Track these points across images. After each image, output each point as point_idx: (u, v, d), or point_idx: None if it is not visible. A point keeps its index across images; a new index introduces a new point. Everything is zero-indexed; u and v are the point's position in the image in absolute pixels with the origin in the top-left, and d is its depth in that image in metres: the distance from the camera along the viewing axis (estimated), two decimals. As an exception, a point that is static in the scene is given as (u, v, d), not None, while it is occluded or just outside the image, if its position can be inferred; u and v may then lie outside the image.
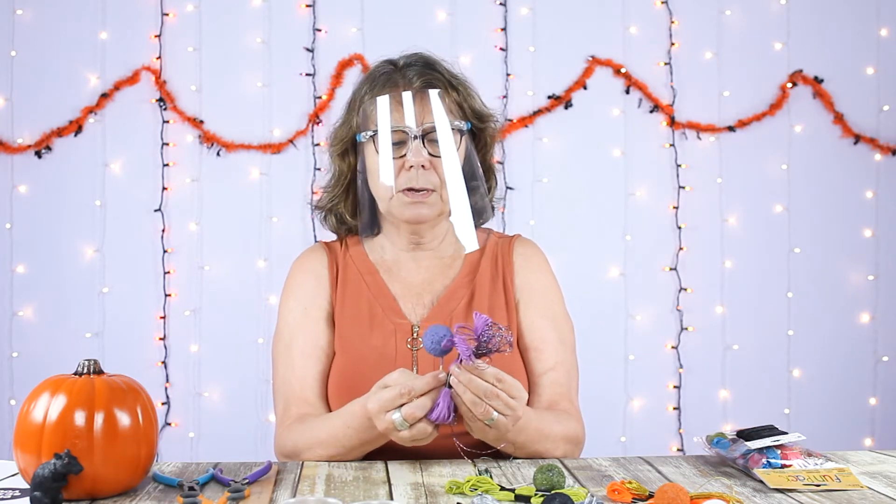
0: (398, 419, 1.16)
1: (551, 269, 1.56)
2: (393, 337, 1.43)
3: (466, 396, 1.14)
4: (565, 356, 1.48)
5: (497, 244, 1.54)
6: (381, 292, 1.48)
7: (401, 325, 1.44)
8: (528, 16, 3.26)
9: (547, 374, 1.46)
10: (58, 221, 3.16)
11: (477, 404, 1.14)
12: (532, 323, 1.48)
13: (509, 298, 1.49)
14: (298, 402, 1.43)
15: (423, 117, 1.38)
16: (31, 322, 3.16)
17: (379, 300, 1.47)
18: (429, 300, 1.47)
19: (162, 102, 3.17)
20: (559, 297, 1.53)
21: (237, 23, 3.21)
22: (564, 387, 1.46)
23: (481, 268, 1.50)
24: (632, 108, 3.28)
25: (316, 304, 1.49)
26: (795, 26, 3.31)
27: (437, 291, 1.48)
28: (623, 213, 3.28)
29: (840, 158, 3.32)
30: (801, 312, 3.31)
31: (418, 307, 1.47)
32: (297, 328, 1.48)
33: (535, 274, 1.53)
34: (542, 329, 1.48)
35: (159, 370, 3.16)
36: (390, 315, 1.45)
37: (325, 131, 3.19)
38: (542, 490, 1.10)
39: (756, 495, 1.10)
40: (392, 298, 1.47)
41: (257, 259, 3.20)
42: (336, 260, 1.53)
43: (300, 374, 1.44)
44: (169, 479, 1.14)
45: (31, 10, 3.16)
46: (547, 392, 1.45)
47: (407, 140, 1.38)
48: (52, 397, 1.05)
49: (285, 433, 1.39)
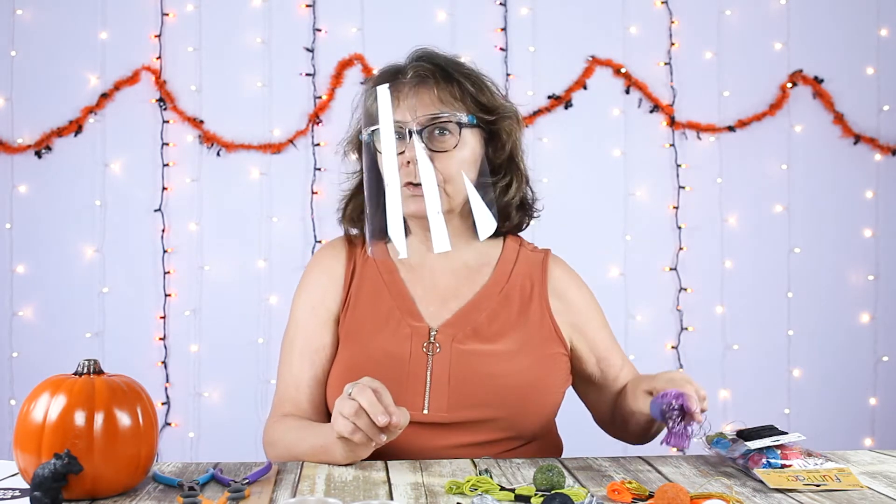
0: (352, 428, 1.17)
1: (579, 276, 1.56)
2: (409, 340, 1.40)
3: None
4: (619, 348, 1.54)
5: (530, 258, 1.52)
6: (400, 293, 1.45)
7: (418, 328, 1.41)
8: (528, 16, 3.26)
9: (621, 374, 1.51)
10: (58, 221, 3.16)
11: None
12: (594, 338, 1.50)
13: (544, 316, 1.46)
14: (290, 402, 1.46)
15: (418, 111, 1.37)
16: (31, 322, 3.16)
17: (397, 301, 1.44)
18: (454, 306, 1.44)
19: (162, 102, 3.17)
20: (594, 299, 1.55)
21: (237, 23, 3.21)
22: (633, 372, 1.52)
23: (511, 281, 1.48)
24: (632, 108, 3.28)
25: (324, 305, 1.48)
26: (795, 26, 3.31)
27: (462, 298, 1.45)
28: (623, 213, 3.28)
29: (840, 158, 3.32)
30: (801, 312, 3.31)
31: (442, 311, 1.44)
32: (302, 327, 1.48)
33: (575, 291, 1.52)
34: (603, 340, 1.51)
35: (159, 370, 3.16)
36: (407, 317, 1.42)
37: (325, 131, 3.19)
38: (542, 490, 1.10)
39: (756, 495, 1.10)
40: (411, 300, 1.44)
41: (257, 259, 3.20)
42: (355, 256, 1.50)
43: (296, 376, 1.46)
44: (169, 479, 1.14)
45: (31, 10, 3.16)
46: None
47: (404, 134, 1.37)
48: (52, 397, 1.05)
49: (271, 426, 1.45)
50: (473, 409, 1.36)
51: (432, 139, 1.38)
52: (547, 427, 1.45)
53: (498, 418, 1.37)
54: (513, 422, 1.37)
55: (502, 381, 1.36)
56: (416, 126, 1.36)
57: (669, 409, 1.17)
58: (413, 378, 1.37)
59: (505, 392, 1.36)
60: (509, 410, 1.36)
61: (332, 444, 1.24)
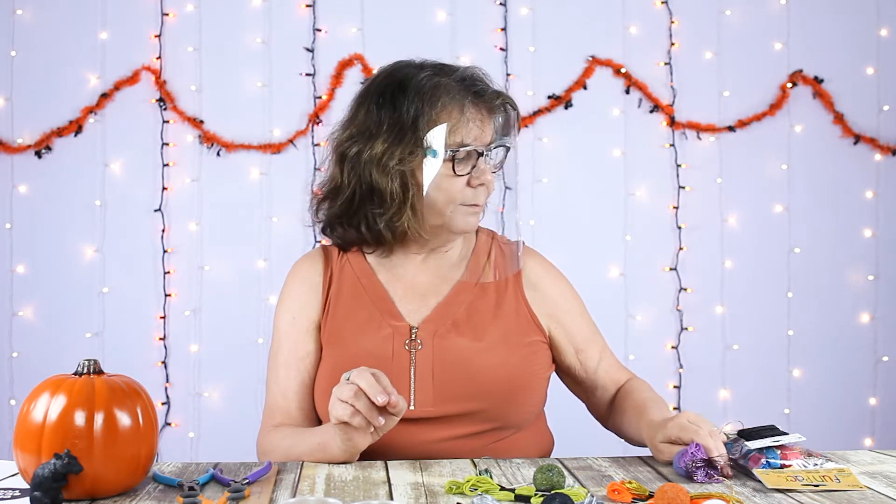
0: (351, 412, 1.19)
1: (555, 268, 1.58)
2: (391, 339, 1.43)
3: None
4: (599, 338, 1.55)
5: (503, 251, 1.54)
6: (378, 294, 1.48)
7: (399, 327, 1.44)
8: (528, 16, 3.26)
9: (599, 366, 1.53)
10: (58, 221, 3.16)
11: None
12: (571, 329, 1.52)
13: (520, 306, 1.49)
14: (280, 412, 1.47)
15: (493, 135, 1.42)
16: (31, 322, 3.16)
17: (376, 303, 1.47)
18: (433, 302, 1.47)
19: (162, 102, 3.17)
20: (571, 289, 1.57)
21: (237, 23, 3.21)
22: (614, 364, 1.55)
23: (485, 272, 1.51)
24: (632, 108, 3.28)
25: (304, 314, 1.50)
26: (795, 26, 3.31)
27: (440, 293, 1.48)
28: (623, 213, 3.28)
29: (840, 158, 3.31)
30: (801, 312, 3.31)
31: (421, 308, 1.46)
32: (284, 337, 1.50)
33: (549, 281, 1.54)
34: (581, 331, 1.53)
35: (159, 370, 3.16)
36: (387, 318, 1.45)
37: (325, 131, 3.19)
38: (542, 490, 1.10)
39: (756, 495, 1.10)
40: (390, 301, 1.47)
41: (257, 259, 3.20)
42: (331, 265, 1.53)
43: (283, 385, 1.48)
44: (169, 479, 1.14)
45: (31, 10, 3.16)
46: (608, 379, 1.53)
47: (473, 156, 1.41)
48: (52, 397, 1.05)
49: (264, 437, 1.46)
50: (459, 402, 1.39)
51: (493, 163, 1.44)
52: (534, 416, 1.48)
53: (484, 410, 1.39)
54: (499, 412, 1.40)
55: (485, 374, 1.40)
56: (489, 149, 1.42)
57: (694, 466, 1.16)
58: (397, 376, 1.39)
59: (488, 383, 1.39)
60: (494, 401, 1.40)
61: (330, 440, 1.26)
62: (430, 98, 1.40)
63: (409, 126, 1.39)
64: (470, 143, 1.39)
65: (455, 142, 1.39)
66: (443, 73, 1.44)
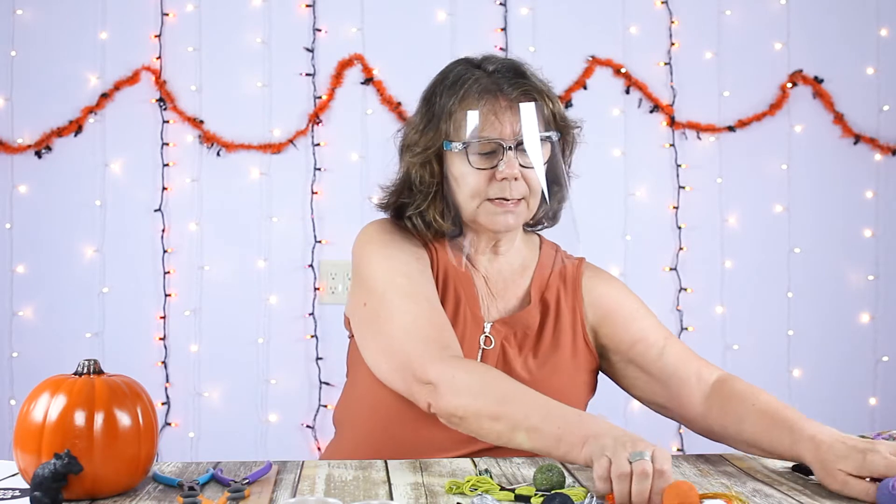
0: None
1: (611, 276, 1.60)
2: (467, 326, 1.44)
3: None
4: (662, 329, 1.52)
5: (565, 265, 1.55)
6: (467, 281, 1.48)
7: (477, 317, 1.45)
8: (528, 16, 3.26)
9: (665, 352, 1.49)
10: (58, 221, 3.16)
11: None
12: (626, 324, 1.51)
13: (577, 326, 1.50)
14: (442, 347, 1.32)
15: (518, 128, 1.39)
16: (31, 322, 3.16)
17: (465, 288, 1.47)
18: (502, 306, 1.48)
19: (162, 102, 3.17)
20: (631, 293, 1.57)
21: (237, 23, 3.21)
22: (686, 353, 1.51)
23: (549, 285, 1.52)
24: (632, 108, 3.28)
25: (425, 260, 1.46)
26: (795, 26, 3.31)
27: (510, 299, 1.49)
28: (623, 213, 3.28)
29: (840, 158, 3.31)
30: (801, 312, 3.31)
31: (492, 310, 1.48)
32: (415, 276, 1.41)
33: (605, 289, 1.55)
34: (636, 322, 1.51)
35: (159, 370, 3.16)
36: (470, 303, 1.45)
37: (325, 131, 3.19)
38: (542, 490, 1.10)
39: (756, 495, 1.10)
40: (475, 290, 1.48)
41: (257, 259, 3.20)
42: (425, 241, 1.50)
43: (437, 320, 1.35)
44: (169, 479, 1.14)
45: (31, 10, 3.16)
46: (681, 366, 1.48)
47: (498, 150, 1.38)
48: (52, 397, 1.05)
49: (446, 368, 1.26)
50: None
51: (524, 156, 1.40)
52: None
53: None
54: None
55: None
56: (513, 143, 1.39)
57: None
58: None
59: None
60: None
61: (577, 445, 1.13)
62: (456, 89, 1.42)
63: (435, 117, 1.42)
64: (491, 136, 1.38)
65: (475, 134, 1.38)
66: (479, 66, 1.46)
